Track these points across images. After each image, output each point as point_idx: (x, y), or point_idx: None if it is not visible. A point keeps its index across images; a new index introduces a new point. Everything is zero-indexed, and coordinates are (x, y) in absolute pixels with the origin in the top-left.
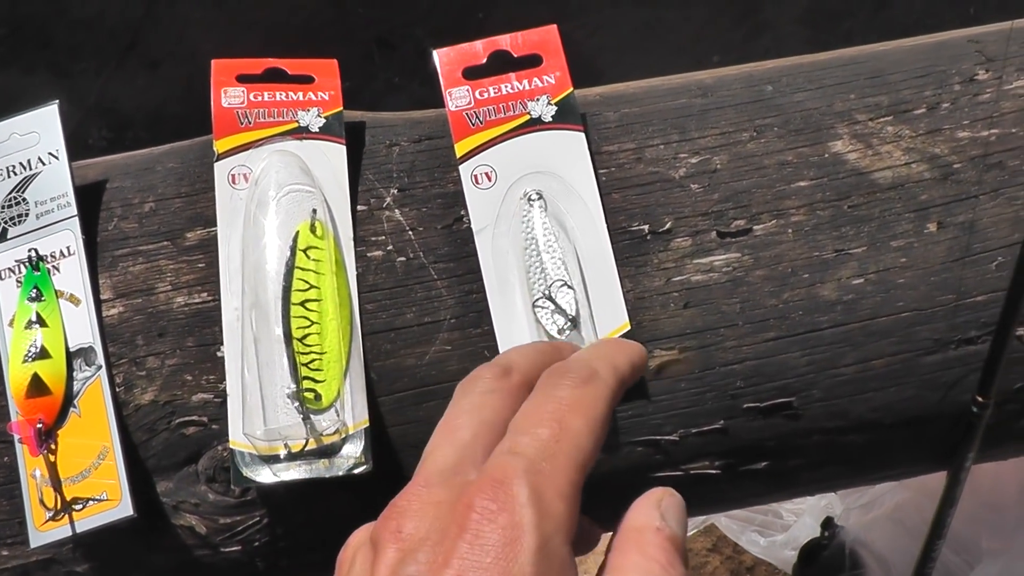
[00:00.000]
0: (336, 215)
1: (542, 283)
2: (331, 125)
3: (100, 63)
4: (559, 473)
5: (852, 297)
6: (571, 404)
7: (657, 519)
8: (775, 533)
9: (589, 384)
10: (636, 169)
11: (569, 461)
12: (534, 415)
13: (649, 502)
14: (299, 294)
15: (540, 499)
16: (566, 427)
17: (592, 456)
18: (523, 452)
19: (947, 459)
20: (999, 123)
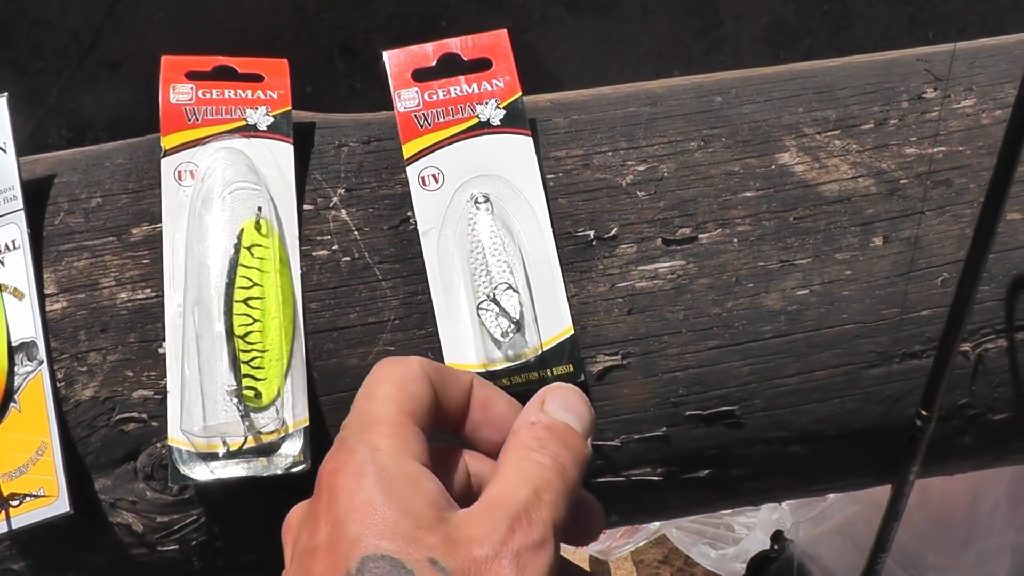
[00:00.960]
0: (282, 214)
1: (487, 285)
2: (279, 124)
3: (61, 63)
4: (381, 420)
5: (796, 308)
6: (375, 380)
7: (532, 415)
8: (726, 546)
9: (388, 363)
10: (584, 175)
11: (385, 410)
12: (371, 382)
13: (530, 404)
14: (242, 291)
15: (368, 443)
16: (374, 395)
17: (417, 400)
18: (346, 425)
19: (891, 472)
20: (946, 141)
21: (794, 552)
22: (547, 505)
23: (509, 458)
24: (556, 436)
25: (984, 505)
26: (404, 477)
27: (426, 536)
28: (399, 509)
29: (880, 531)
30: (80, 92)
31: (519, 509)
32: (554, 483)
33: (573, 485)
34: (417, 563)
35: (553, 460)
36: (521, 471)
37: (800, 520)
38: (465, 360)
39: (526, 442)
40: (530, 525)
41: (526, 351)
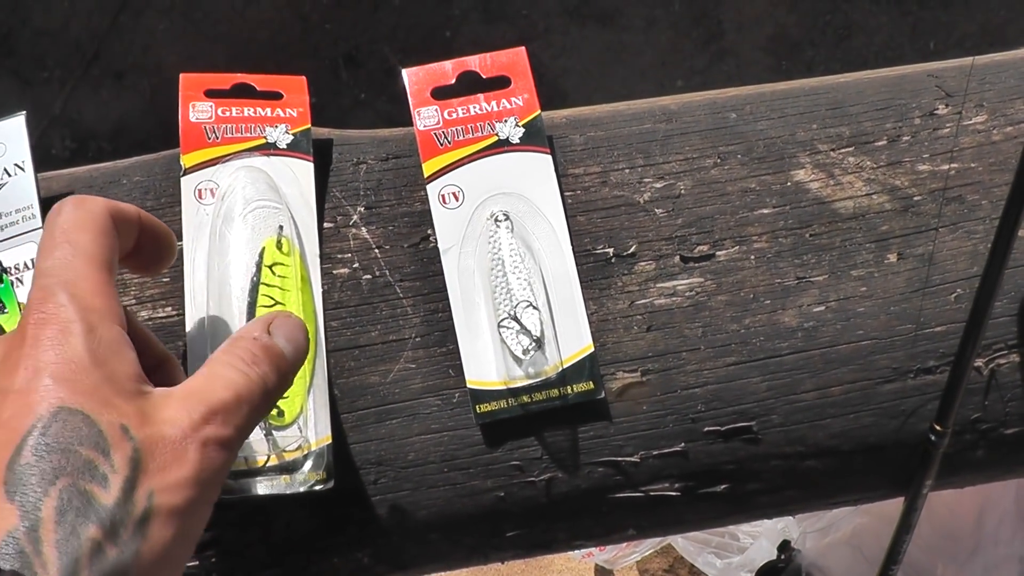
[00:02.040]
0: (303, 232)
1: (507, 303)
2: (299, 142)
3: (64, 73)
4: (85, 275)
5: (813, 324)
6: (66, 228)
7: (257, 331)
8: (732, 555)
9: (77, 209)
10: (601, 192)
11: (89, 263)
12: (44, 247)
13: (258, 320)
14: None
15: (77, 298)
16: (72, 242)
17: (107, 258)
18: (49, 272)
19: (904, 486)
20: (958, 158)
21: (802, 563)
22: (243, 415)
23: (220, 360)
24: (271, 358)
25: (991, 516)
26: (110, 343)
27: (123, 404)
28: (101, 374)
29: (892, 544)
30: (84, 102)
31: (218, 406)
32: (255, 398)
33: (267, 408)
34: (109, 425)
35: (261, 378)
36: (228, 376)
37: (807, 531)
38: (486, 377)
39: (242, 352)
40: (223, 423)
41: (547, 368)
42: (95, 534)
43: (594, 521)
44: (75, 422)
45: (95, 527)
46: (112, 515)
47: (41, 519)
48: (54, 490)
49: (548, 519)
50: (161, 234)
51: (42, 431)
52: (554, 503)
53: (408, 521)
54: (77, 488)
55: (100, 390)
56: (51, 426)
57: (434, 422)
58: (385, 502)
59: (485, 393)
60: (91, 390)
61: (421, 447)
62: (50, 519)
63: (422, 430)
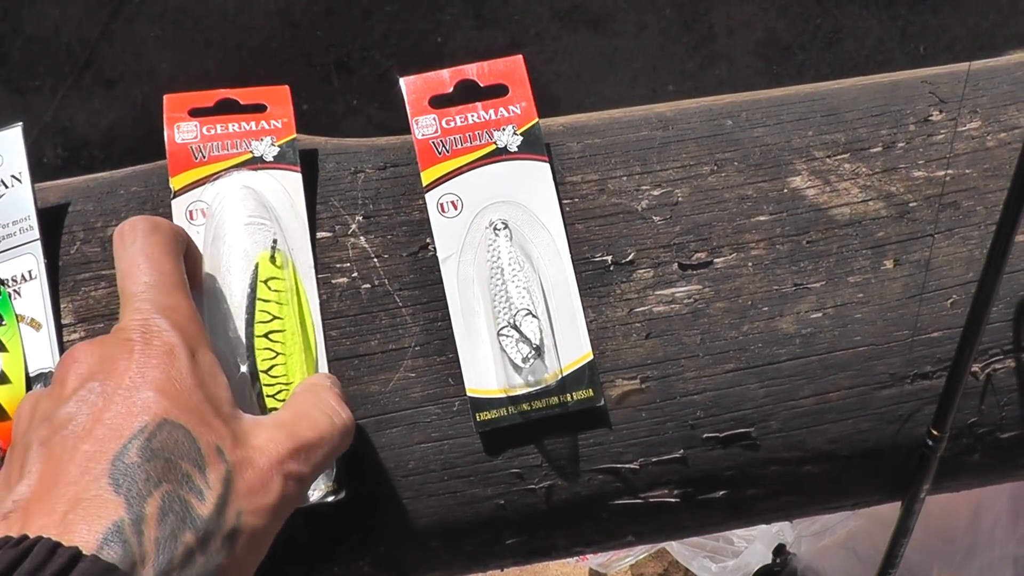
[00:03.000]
0: (294, 244)
1: (507, 312)
2: (285, 153)
3: (55, 81)
4: (179, 301)
5: (810, 331)
6: (150, 254)
7: (330, 380)
8: (726, 559)
9: (154, 233)
10: (599, 200)
11: (178, 290)
12: (130, 271)
13: (321, 374)
14: (262, 326)
15: (177, 324)
16: (160, 269)
17: (187, 284)
18: (145, 297)
19: (902, 490)
20: (953, 164)
21: (797, 566)
22: (321, 455)
23: (308, 401)
24: (348, 405)
25: (986, 518)
26: (208, 368)
27: (219, 426)
28: (201, 395)
29: (889, 547)
30: (75, 110)
31: (302, 444)
32: (336, 440)
33: (340, 452)
34: (207, 444)
35: (344, 423)
36: (314, 417)
37: (803, 534)
38: (486, 385)
39: (328, 397)
40: (305, 461)
41: (546, 376)
42: (190, 540)
43: (594, 528)
44: (178, 435)
45: (191, 534)
46: (207, 526)
47: (145, 516)
48: (158, 492)
49: (548, 526)
50: (196, 257)
51: (148, 437)
52: (554, 510)
53: (408, 529)
54: (178, 495)
55: (200, 410)
56: (157, 434)
57: (434, 430)
58: (385, 510)
59: (485, 401)
60: (192, 409)
61: (421, 455)
62: (153, 517)
63: (422, 438)
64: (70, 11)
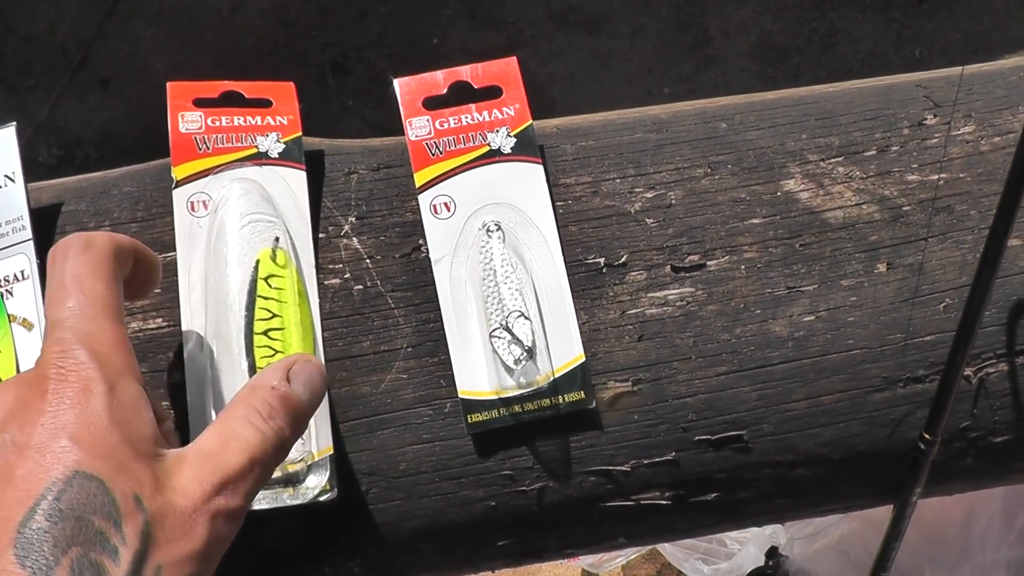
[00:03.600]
0: (298, 242)
1: (499, 313)
2: (291, 150)
3: (50, 80)
4: (103, 329)
5: (803, 334)
6: (79, 275)
7: (275, 380)
8: (719, 561)
9: (85, 251)
10: (593, 202)
11: (105, 316)
12: (55, 295)
13: (277, 365)
14: (262, 323)
15: (97, 354)
16: (87, 292)
17: (119, 307)
18: (67, 325)
19: (894, 494)
20: (947, 168)
21: (790, 569)
22: (255, 478)
23: (236, 415)
24: (289, 409)
25: (978, 521)
26: (129, 403)
27: (138, 470)
28: (119, 435)
29: (881, 551)
30: (70, 110)
31: (230, 474)
32: (269, 456)
33: (279, 460)
34: (123, 495)
35: (276, 434)
36: (243, 436)
37: (795, 537)
38: (478, 387)
39: (259, 405)
40: (234, 493)
41: (538, 378)
42: None
43: (585, 530)
44: (90, 488)
45: None
46: None
47: None
48: (66, 560)
49: (539, 528)
50: (152, 263)
51: (56, 495)
52: (545, 512)
53: (399, 531)
54: (88, 559)
55: (117, 453)
56: (66, 491)
57: (426, 432)
58: (377, 512)
59: (477, 403)
60: (108, 453)
61: (413, 457)
62: None
63: (414, 440)
64: (65, 10)
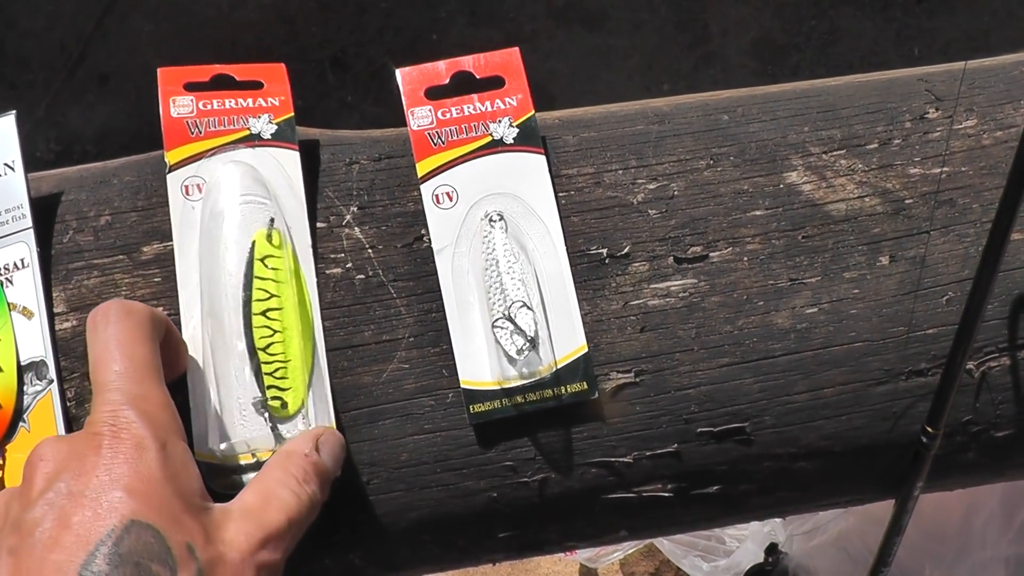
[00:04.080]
0: (292, 223)
1: (502, 303)
2: (283, 131)
3: (49, 76)
4: (150, 391)
5: (805, 326)
6: (122, 340)
7: (307, 447)
8: (718, 558)
9: (127, 318)
10: (595, 193)
11: (150, 378)
12: (101, 358)
13: (307, 435)
14: (259, 304)
15: (147, 415)
16: (131, 356)
17: (160, 370)
18: (115, 387)
19: (895, 488)
20: (949, 161)
21: (789, 565)
22: (292, 536)
23: (274, 477)
24: (319, 475)
25: (978, 517)
26: (178, 459)
27: (189, 522)
28: (171, 489)
29: (882, 545)
30: (69, 105)
31: (272, 532)
32: (303, 516)
33: (310, 521)
34: (177, 544)
35: (310, 497)
36: (282, 498)
37: (794, 533)
38: (480, 377)
39: (295, 471)
40: (275, 548)
41: (541, 368)
42: None
43: (587, 522)
44: (146, 537)
45: None
46: None
47: None
48: None
49: (540, 520)
50: (179, 339)
51: (116, 541)
52: (547, 504)
53: (401, 522)
54: None
55: (169, 505)
56: (124, 538)
57: (427, 422)
58: (378, 503)
59: (479, 393)
60: (161, 505)
61: (414, 448)
62: None
63: (415, 430)
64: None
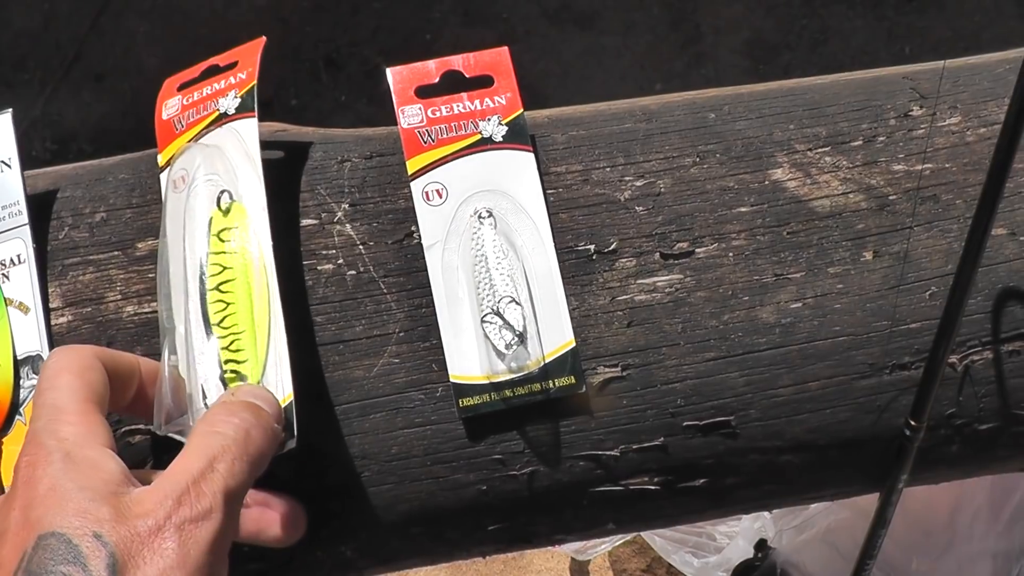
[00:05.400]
0: (248, 189)
1: (491, 299)
2: (245, 103)
3: (45, 75)
4: (66, 410)
5: (790, 320)
6: (42, 389)
7: (225, 396)
8: (708, 555)
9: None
10: (583, 190)
11: (71, 400)
12: (37, 393)
13: (223, 394)
14: (214, 279)
15: (56, 434)
16: (57, 385)
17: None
18: (37, 417)
19: (880, 481)
20: (933, 158)
21: (777, 560)
22: (220, 474)
23: (194, 434)
24: (245, 407)
25: (966, 511)
26: (86, 460)
27: (97, 510)
28: (75, 488)
29: (867, 538)
30: (64, 104)
31: (189, 481)
32: (232, 449)
33: (255, 450)
34: (83, 537)
35: (236, 428)
36: (201, 445)
37: (784, 528)
38: (469, 372)
39: (212, 415)
40: (197, 497)
41: (529, 363)
42: None
43: (575, 515)
44: (52, 544)
45: None
46: None
47: None
48: None
49: (529, 513)
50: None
51: (27, 563)
52: (536, 496)
53: (391, 515)
54: None
55: (73, 503)
56: (33, 556)
57: (417, 416)
58: (368, 496)
59: (468, 387)
60: (66, 507)
61: (404, 441)
62: None
63: (405, 424)
64: (59, 5)
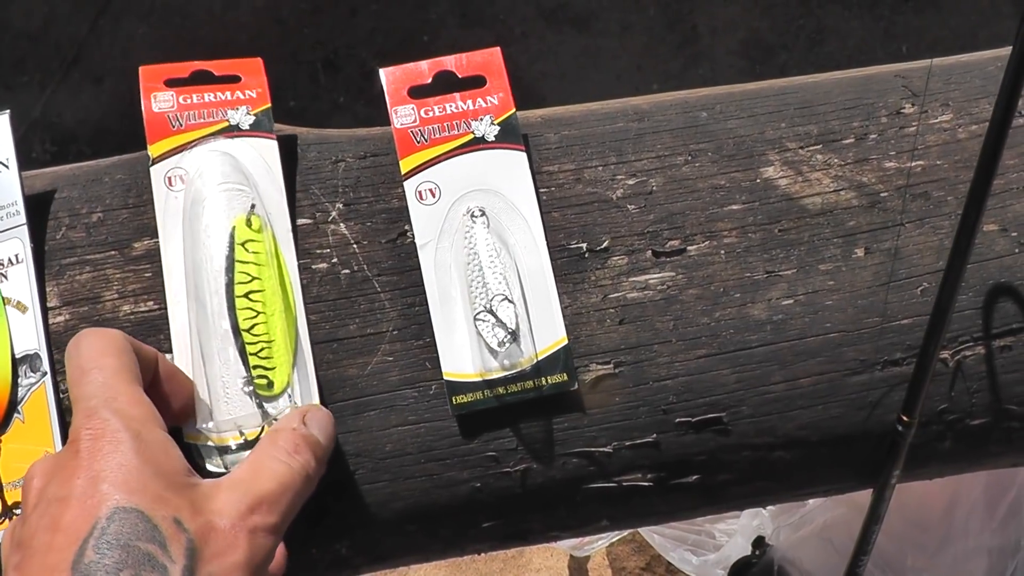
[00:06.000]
0: (272, 209)
1: (483, 297)
2: (260, 122)
3: (44, 77)
4: (119, 392)
5: (781, 317)
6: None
7: (295, 423)
8: (707, 552)
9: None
10: (575, 189)
11: (121, 381)
12: (75, 376)
13: (294, 412)
14: (242, 286)
15: (119, 412)
16: (100, 367)
17: (132, 373)
18: (87, 395)
19: (872, 477)
20: (924, 155)
21: (774, 556)
22: (287, 502)
23: (265, 452)
24: (310, 447)
25: (961, 507)
26: (156, 444)
27: (173, 498)
28: (151, 471)
29: (861, 534)
30: (64, 106)
31: (263, 496)
32: (298, 485)
33: (308, 492)
34: (163, 519)
35: (303, 467)
36: (273, 468)
37: (781, 525)
38: (462, 370)
39: (284, 444)
40: (269, 511)
41: (522, 360)
42: None
43: (568, 512)
44: (132, 519)
45: None
46: None
47: None
48: None
49: (523, 510)
50: (184, 379)
51: (101, 531)
52: (529, 494)
53: (386, 512)
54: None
55: (151, 486)
56: (110, 526)
57: (411, 414)
58: (363, 493)
59: (461, 385)
60: (143, 488)
61: (398, 438)
62: None
63: (399, 422)
64: (58, 7)
